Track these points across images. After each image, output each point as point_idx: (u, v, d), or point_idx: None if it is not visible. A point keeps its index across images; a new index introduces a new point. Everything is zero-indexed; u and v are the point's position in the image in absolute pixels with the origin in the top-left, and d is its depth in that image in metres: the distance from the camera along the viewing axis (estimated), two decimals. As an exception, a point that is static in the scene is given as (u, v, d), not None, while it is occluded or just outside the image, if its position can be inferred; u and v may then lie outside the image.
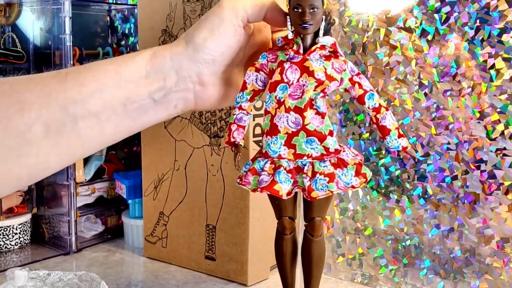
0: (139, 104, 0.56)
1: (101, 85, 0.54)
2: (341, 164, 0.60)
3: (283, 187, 0.59)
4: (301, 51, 0.61)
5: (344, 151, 0.62)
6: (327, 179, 0.58)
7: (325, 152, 0.60)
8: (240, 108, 0.64)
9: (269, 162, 0.61)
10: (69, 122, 0.53)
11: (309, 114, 0.59)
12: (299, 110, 0.59)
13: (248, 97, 0.64)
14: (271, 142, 0.61)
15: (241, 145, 0.64)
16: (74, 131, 0.53)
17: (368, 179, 0.61)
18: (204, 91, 0.60)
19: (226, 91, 0.63)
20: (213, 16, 0.60)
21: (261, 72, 0.63)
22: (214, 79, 0.60)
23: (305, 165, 0.60)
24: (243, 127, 0.64)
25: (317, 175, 0.59)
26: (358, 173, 0.60)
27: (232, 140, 0.63)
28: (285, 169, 0.60)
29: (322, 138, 0.59)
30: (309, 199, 0.60)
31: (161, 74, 0.57)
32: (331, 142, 0.60)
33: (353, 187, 0.61)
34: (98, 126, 0.54)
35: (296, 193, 0.64)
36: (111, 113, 0.54)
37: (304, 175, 0.60)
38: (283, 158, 0.60)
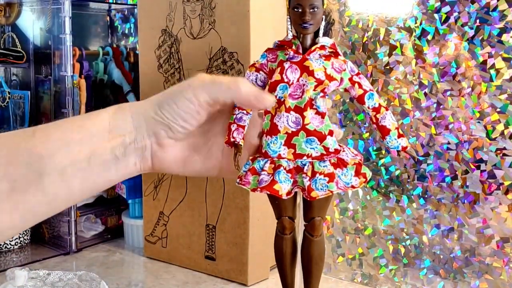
0: (103, 159, 0.55)
1: (68, 140, 0.54)
2: (341, 164, 0.60)
3: (283, 187, 0.59)
4: (300, 51, 0.61)
5: (343, 151, 0.62)
6: (327, 179, 0.58)
7: (324, 152, 0.60)
8: (240, 108, 0.65)
9: (268, 161, 0.61)
10: (35, 178, 0.52)
11: (309, 113, 0.59)
12: (299, 110, 0.59)
13: None
14: (270, 142, 0.60)
15: (241, 145, 0.64)
16: (39, 187, 0.52)
17: (368, 179, 0.61)
18: (162, 152, 0.59)
19: (188, 158, 0.62)
20: (178, 92, 0.58)
21: (261, 72, 0.63)
22: (173, 143, 0.59)
23: (304, 165, 0.60)
24: (243, 127, 0.64)
25: (317, 175, 0.59)
26: (358, 173, 0.60)
27: (232, 140, 0.63)
28: (284, 168, 0.60)
29: (322, 138, 0.59)
30: (309, 199, 0.60)
31: (122, 130, 0.56)
32: (331, 142, 0.60)
33: (353, 187, 0.60)
34: (64, 182, 0.53)
35: (295, 193, 0.64)
36: (76, 168, 0.54)
37: (304, 175, 0.60)
38: (283, 158, 0.60)
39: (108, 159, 0.56)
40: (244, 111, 0.65)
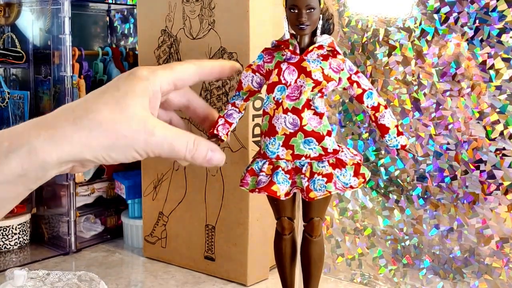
0: (16, 202, 0.51)
1: None
2: (339, 164, 0.60)
3: (281, 188, 0.59)
4: (298, 51, 0.60)
5: (342, 151, 0.62)
6: (325, 179, 0.58)
7: (323, 153, 0.60)
8: (233, 105, 0.65)
9: (267, 162, 0.61)
10: None
11: (306, 114, 0.59)
12: (296, 111, 0.59)
13: (244, 97, 0.65)
14: (269, 143, 0.60)
15: (223, 140, 0.64)
16: None
17: (367, 179, 0.61)
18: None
19: None
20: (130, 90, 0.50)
21: (257, 73, 0.63)
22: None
23: (303, 165, 0.60)
24: (230, 124, 0.64)
25: (315, 175, 0.59)
26: (356, 174, 0.60)
27: (215, 132, 0.63)
28: (283, 169, 0.60)
29: (320, 139, 0.59)
30: (307, 200, 0.60)
31: (40, 170, 0.50)
32: (329, 143, 0.60)
33: (351, 187, 0.60)
34: None
35: (295, 193, 0.64)
36: None
37: (303, 176, 0.60)
38: (281, 159, 0.60)
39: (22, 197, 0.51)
40: (237, 109, 0.65)
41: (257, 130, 0.97)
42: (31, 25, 1.34)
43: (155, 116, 0.50)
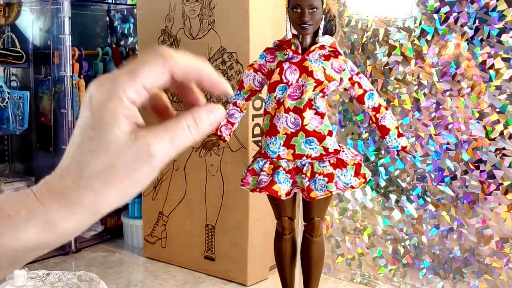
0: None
1: None
2: (340, 164, 0.60)
3: (282, 188, 0.59)
4: (300, 51, 0.61)
5: (343, 151, 0.62)
6: (326, 179, 0.59)
7: (324, 153, 0.60)
8: (235, 104, 0.65)
9: (268, 162, 0.61)
10: None
11: (308, 114, 0.59)
12: (298, 111, 0.59)
13: (245, 96, 0.65)
14: (270, 143, 0.61)
15: (226, 140, 0.64)
16: None
17: (368, 179, 0.61)
18: None
19: None
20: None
21: (258, 73, 0.63)
22: None
23: (304, 165, 0.60)
24: (232, 124, 0.64)
25: (316, 175, 0.59)
26: (357, 174, 0.60)
27: (219, 133, 0.64)
28: (284, 169, 0.60)
29: (321, 139, 0.59)
30: (308, 200, 0.60)
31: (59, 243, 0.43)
32: (331, 142, 0.60)
33: (352, 187, 0.61)
34: None
35: (295, 193, 0.64)
36: None
37: (303, 176, 0.60)
38: (282, 159, 0.60)
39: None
40: (238, 109, 0.65)
41: (257, 130, 0.97)
42: (31, 25, 1.34)
43: (138, 118, 0.44)
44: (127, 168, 0.40)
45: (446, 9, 0.93)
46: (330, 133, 0.60)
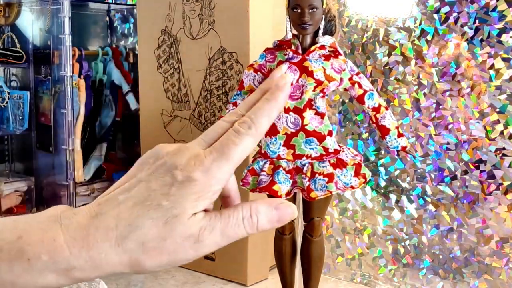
0: None
1: None
2: (340, 164, 0.60)
3: (282, 188, 0.59)
4: (300, 51, 0.61)
5: (343, 151, 0.62)
6: (326, 179, 0.58)
7: (324, 153, 0.60)
8: (235, 104, 0.65)
9: (268, 162, 0.61)
10: None
11: (308, 114, 0.59)
12: (298, 111, 0.59)
13: (245, 96, 0.65)
14: (270, 143, 0.61)
15: None
16: None
17: (368, 179, 0.61)
18: None
19: None
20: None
21: (258, 73, 0.63)
22: None
23: (304, 165, 0.60)
24: None
25: (316, 175, 0.59)
26: (357, 174, 0.60)
27: None
28: (284, 169, 0.60)
29: (321, 139, 0.59)
30: (308, 200, 0.60)
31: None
32: (331, 143, 0.60)
33: (352, 187, 0.61)
34: None
35: (295, 193, 0.64)
36: None
37: (303, 176, 0.60)
38: (282, 159, 0.60)
39: None
40: None
41: (257, 130, 0.97)
42: (31, 25, 1.34)
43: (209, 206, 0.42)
44: (174, 245, 0.37)
45: (446, 9, 0.93)
46: (330, 133, 0.60)
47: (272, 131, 0.61)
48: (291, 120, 0.59)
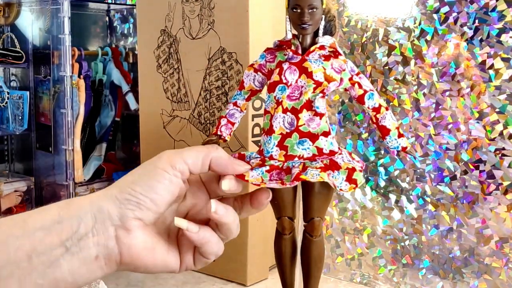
0: (49, 255, 0.47)
1: (6, 236, 0.47)
2: (332, 166, 0.59)
3: (251, 174, 0.58)
4: (300, 51, 0.60)
5: (340, 154, 0.61)
6: (319, 169, 0.58)
7: (317, 153, 0.59)
8: (235, 104, 0.65)
9: (259, 159, 0.60)
10: None
11: (305, 115, 0.59)
12: (295, 111, 0.59)
13: (245, 96, 0.64)
14: (266, 142, 0.60)
15: (226, 140, 0.64)
16: None
17: (359, 185, 0.60)
18: (130, 238, 0.49)
19: (157, 245, 0.52)
20: (149, 165, 0.53)
21: (258, 73, 0.63)
22: (141, 225, 0.50)
23: (294, 165, 0.60)
24: (233, 124, 0.64)
25: (308, 168, 0.58)
26: (349, 178, 0.59)
27: (219, 133, 0.63)
28: (268, 166, 0.59)
29: (314, 139, 0.59)
30: (296, 181, 0.58)
31: (75, 219, 0.48)
32: (324, 143, 0.59)
33: (340, 190, 0.60)
34: None
35: (295, 193, 0.64)
36: (14, 267, 0.46)
37: (295, 169, 0.59)
38: (274, 159, 0.60)
39: (55, 254, 0.47)
40: (238, 109, 0.65)
41: (257, 130, 0.97)
42: (30, 25, 1.34)
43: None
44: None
45: (445, 9, 0.93)
46: (324, 134, 0.59)
47: (270, 130, 0.61)
48: (288, 120, 0.59)
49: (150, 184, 0.50)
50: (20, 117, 1.35)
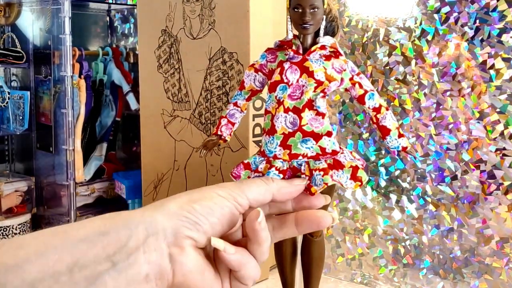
0: (92, 269, 0.42)
1: (45, 247, 0.42)
2: (336, 165, 0.60)
3: None
4: (301, 51, 0.60)
5: (342, 153, 0.61)
6: (322, 173, 0.58)
7: (320, 152, 0.59)
8: (235, 104, 0.65)
9: (264, 161, 0.60)
10: None
11: (308, 115, 0.59)
12: (297, 111, 0.59)
13: (246, 96, 0.65)
14: (268, 142, 0.60)
15: (227, 140, 0.64)
16: None
17: (364, 183, 0.60)
18: (183, 256, 0.45)
19: (205, 267, 0.48)
20: (209, 190, 0.49)
21: (259, 73, 0.63)
22: (193, 245, 0.46)
23: (301, 165, 0.60)
24: (233, 124, 0.64)
25: (314, 172, 0.59)
26: (353, 176, 0.59)
27: (219, 133, 0.64)
28: (277, 169, 0.59)
29: (318, 138, 0.59)
30: (309, 195, 0.59)
31: (124, 230, 0.44)
32: (328, 142, 0.59)
33: (346, 187, 0.60)
34: None
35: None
36: (52, 282, 0.41)
37: (303, 175, 0.59)
38: (279, 159, 0.60)
39: (100, 269, 0.42)
40: (239, 109, 0.65)
41: (257, 130, 0.97)
42: (31, 25, 1.35)
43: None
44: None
45: (446, 9, 0.93)
46: (328, 134, 0.59)
47: (271, 130, 0.61)
48: (290, 120, 0.59)
49: (211, 207, 0.47)
50: (20, 117, 1.35)
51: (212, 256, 0.49)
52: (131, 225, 0.44)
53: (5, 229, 1.22)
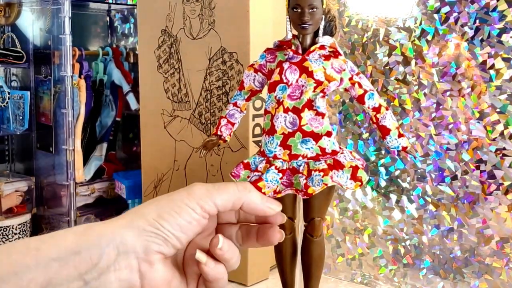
0: None
1: (18, 267, 0.42)
2: (336, 165, 0.59)
3: (267, 185, 0.58)
4: (300, 51, 0.60)
5: (342, 153, 0.61)
6: (322, 173, 0.58)
7: (320, 153, 0.59)
8: (235, 104, 0.65)
9: (264, 161, 0.60)
10: None
11: (307, 115, 0.59)
12: (296, 111, 0.59)
13: (245, 97, 0.65)
14: (268, 142, 0.60)
15: (227, 140, 0.64)
16: None
17: (364, 183, 0.60)
18: (151, 271, 0.47)
19: (172, 276, 0.50)
20: (178, 199, 0.50)
21: (259, 73, 0.63)
22: (162, 258, 0.49)
23: (300, 165, 0.60)
24: (233, 124, 0.64)
25: (312, 172, 0.59)
26: (353, 176, 0.59)
27: (219, 133, 0.64)
28: (276, 168, 0.59)
29: (318, 138, 0.59)
30: (306, 197, 0.59)
31: (96, 249, 0.45)
32: (327, 142, 0.59)
33: (347, 188, 0.60)
34: None
35: (295, 195, 0.64)
36: None
37: (300, 175, 0.59)
38: (278, 159, 0.60)
39: (73, 287, 0.44)
40: (238, 109, 0.65)
41: (257, 130, 0.97)
42: (31, 25, 1.35)
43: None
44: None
45: (446, 9, 0.93)
46: (328, 134, 0.59)
47: (271, 130, 0.61)
48: (289, 120, 0.59)
49: (179, 223, 0.48)
50: (20, 117, 1.35)
51: (180, 260, 0.52)
52: (103, 244, 0.45)
53: (5, 229, 1.22)
